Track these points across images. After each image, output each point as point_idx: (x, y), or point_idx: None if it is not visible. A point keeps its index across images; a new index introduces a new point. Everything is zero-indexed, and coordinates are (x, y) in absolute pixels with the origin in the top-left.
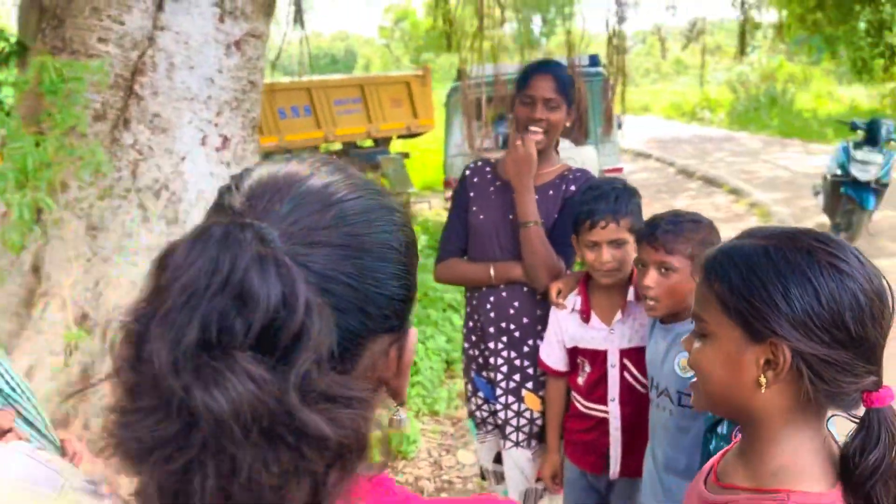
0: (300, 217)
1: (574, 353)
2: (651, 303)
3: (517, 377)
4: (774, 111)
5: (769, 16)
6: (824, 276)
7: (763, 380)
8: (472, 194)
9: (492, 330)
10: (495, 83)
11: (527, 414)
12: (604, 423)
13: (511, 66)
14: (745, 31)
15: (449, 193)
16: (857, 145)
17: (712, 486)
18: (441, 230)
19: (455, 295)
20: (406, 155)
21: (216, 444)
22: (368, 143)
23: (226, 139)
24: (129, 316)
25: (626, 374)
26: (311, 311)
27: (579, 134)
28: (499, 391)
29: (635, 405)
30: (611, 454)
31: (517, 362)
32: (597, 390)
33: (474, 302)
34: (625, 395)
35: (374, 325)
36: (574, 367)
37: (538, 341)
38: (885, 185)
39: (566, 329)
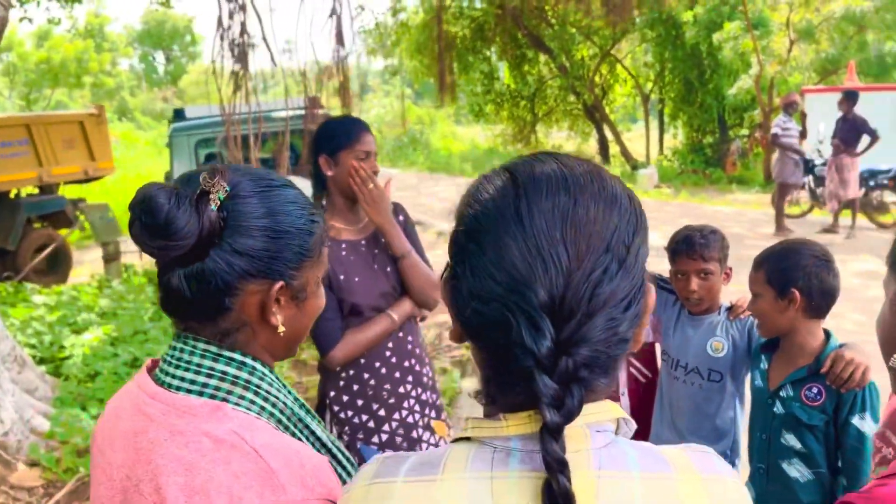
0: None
1: None
2: (696, 302)
3: (427, 410)
4: (419, 150)
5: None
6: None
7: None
8: (332, 267)
9: (397, 375)
10: (227, 123)
11: (441, 443)
12: None
13: (211, 107)
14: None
15: None
16: None
17: None
18: None
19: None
20: (81, 200)
21: None
22: (31, 189)
23: None
24: None
25: (632, 369)
26: None
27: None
28: (415, 433)
29: (640, 396)
30: None
31: (423, 396)
32: None
33: (361, 363)
34: (631, 386)
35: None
36: None
37: (428, 369)
38: None
39: None
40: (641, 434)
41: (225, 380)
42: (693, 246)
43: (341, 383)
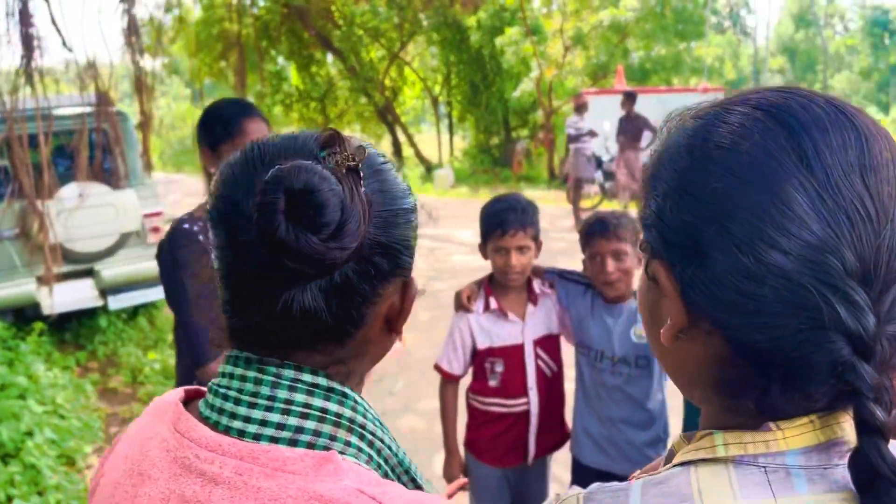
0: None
1: (481, 358)
2: (614, 285)
3: None
4: None
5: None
6: None
7: None
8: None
9: None
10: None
11: None
12: (522, 415)
13: None
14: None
15: None
16: None
17: None
18: None
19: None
20: None
21: None
22: None
23: None
24: None
25: (539, 362)
26: None
27: (117, 177)
28: None
29: (547, 389)
30: (529, 442)
31: None
32: (513, 385)
33: None
34: (540, 381)
35: None
36: (480, 374)
37: None
38: None
39: (480, 330)
40: (558, 430)
41: (326, 420)
42: (607, 226)
43: None
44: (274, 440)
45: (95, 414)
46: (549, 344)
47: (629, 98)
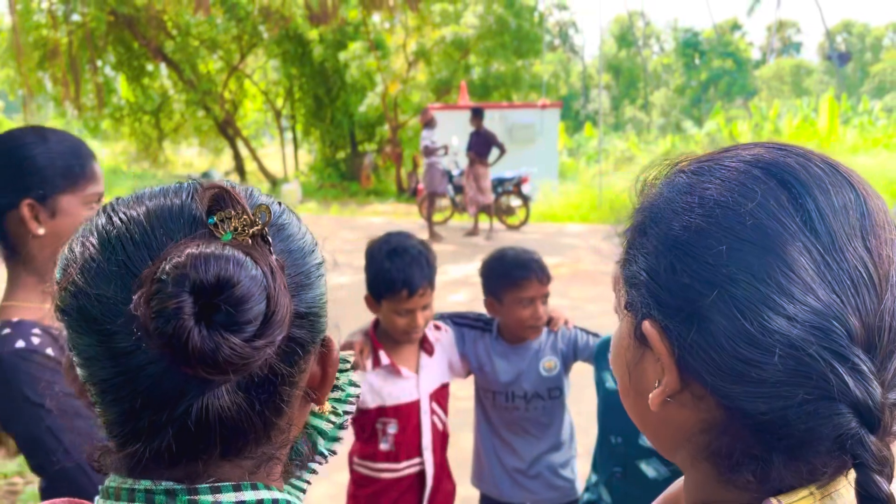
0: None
1: (371, 419)
2: (538, 329)
3: None
4: None
5: None
6: None
7: None
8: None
9: None
10: None
11: None
12: (416, 478)
13: None
14: None
15: None
16: None
17: None
18: None
19: None
20: None
21: None
22: None
23: None
24: None
25: (434, 418)
26: None
27: None
28: None
29: (440, 443)
30: (426, 500)
31: None
32: (406, 447)
33: None
34: (435, 439)
35: None
36: (369, 437)
37: None
38: None
39: (369, 389)
40: (449, 482)
41: None
42: (542, 270)
43: None
44: None
45: None
46: (442, 395)
47: (477, 114)
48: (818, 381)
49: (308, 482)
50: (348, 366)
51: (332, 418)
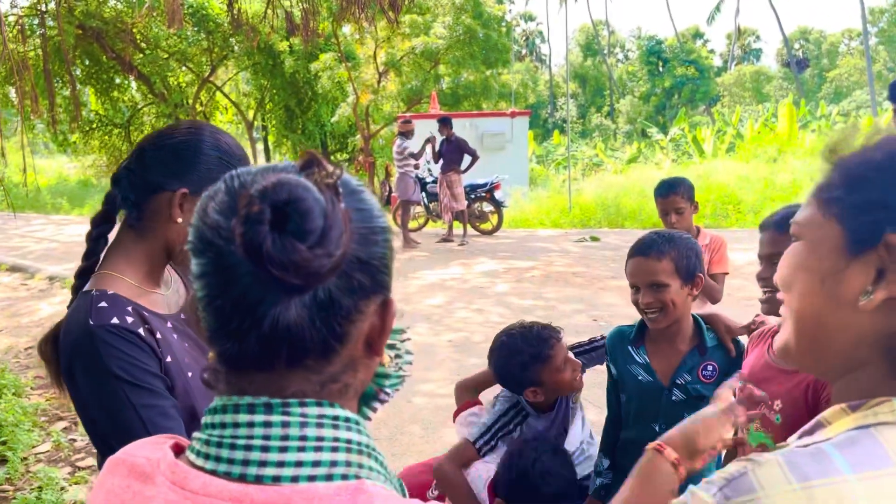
0: None
1: None
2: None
3: None
4: None
5: None
6: None
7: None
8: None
9: None
10: None
11: None
12: None
13: None
14: None
15: None
16: None
17: None
18: None
19: None
20: None
21: None
22: None
23: None
24: None
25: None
26: None
27: None
28: None
29: None
30: None
31: None
32: None
33: None
34: None
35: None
36: None
37: None
38: None
39: None
40: None
41: (345, 450)
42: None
43: None
44: (310, 479)
45: None
46: None
47: (445, 123)
48: None
49: (369, 418)
50: (405, 335)
51: (393, 370)
